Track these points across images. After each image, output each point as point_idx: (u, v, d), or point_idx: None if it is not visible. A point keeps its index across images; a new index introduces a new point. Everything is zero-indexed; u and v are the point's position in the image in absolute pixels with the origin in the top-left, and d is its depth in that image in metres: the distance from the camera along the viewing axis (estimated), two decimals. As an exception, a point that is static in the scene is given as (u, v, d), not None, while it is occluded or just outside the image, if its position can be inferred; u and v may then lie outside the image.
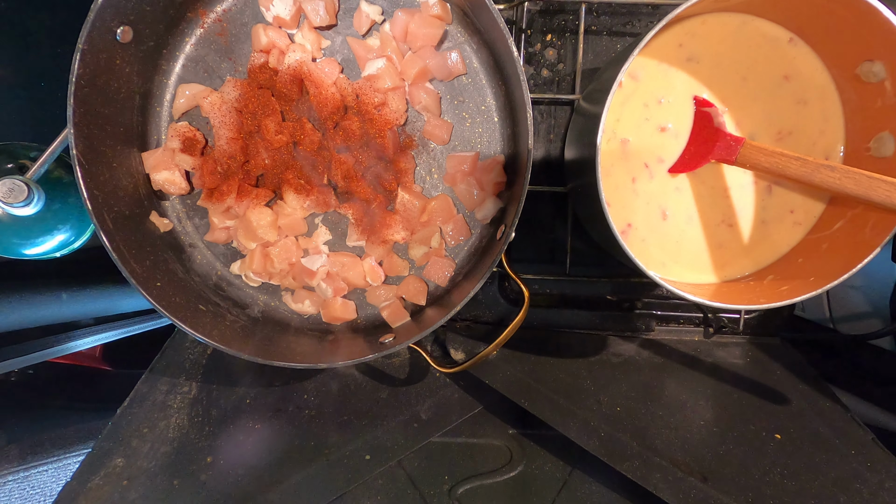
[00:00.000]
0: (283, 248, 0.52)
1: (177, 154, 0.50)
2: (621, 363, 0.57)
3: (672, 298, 0.61)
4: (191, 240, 0.54)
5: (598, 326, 0.62)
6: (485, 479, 0.48)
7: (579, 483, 0.47)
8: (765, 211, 0.48)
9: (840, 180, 0.40)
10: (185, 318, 0.46)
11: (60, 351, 0.66)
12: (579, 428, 0.46)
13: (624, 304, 0.62)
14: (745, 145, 0.43)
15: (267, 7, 0.50)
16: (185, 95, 0.51)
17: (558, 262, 0.60)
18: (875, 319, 0.70)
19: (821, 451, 0.47)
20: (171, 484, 0.46)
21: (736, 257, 0.48)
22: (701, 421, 0.50)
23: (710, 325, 0.61)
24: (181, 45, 0.51)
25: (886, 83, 0.42)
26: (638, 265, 0.41)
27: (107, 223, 0.44)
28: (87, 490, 0.45)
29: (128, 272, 0.44)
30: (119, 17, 0.44)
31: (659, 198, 0.47)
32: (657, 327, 0.62)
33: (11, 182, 0.45)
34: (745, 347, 0.60)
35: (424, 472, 0.48)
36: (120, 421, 0.51)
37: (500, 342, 0.47)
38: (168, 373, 0.56)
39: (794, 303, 0.42)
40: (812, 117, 0.46)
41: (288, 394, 0.54)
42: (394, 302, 0.54)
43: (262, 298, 0.55)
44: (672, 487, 0.41)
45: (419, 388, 0.55)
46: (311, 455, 0.48)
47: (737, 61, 0.45)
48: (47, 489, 0.62)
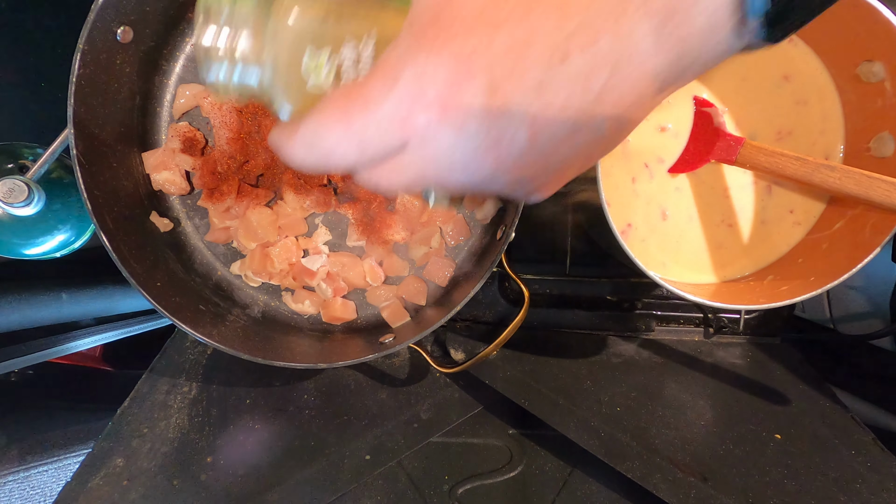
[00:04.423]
0: (283, 248, 0.52)
1: (177, 154, 0.50)
2: (621, 363, 0.57)
3: (672, 298, 0.61)
4: (191, 240, 0.54)
5: (598, 326, 0.62)
6: (485, 479, 0.48)
7: (579, 483, 0.47)
8: (765, 211, 0.48)
9: (840, 180, 0.40)
10: (185, 318, 0.46)
11: (60, 351, 0.66)
12: (579, 428, 0.46)
13: (624, 304, 0.62)
14: (745, 145, 0.43)
15: (267, 7, 0.50)
16: (186, 95, 0.51)
17: (558, 262, 0.60)
18: (875, 319, 0.70)
19: (821, 451, 0.47)
20: (171, 484, 0.46)
21: (736, 257, 0.48)
22: (701, 421, 0.50)
23: (710, 326, 0.61)
24: (181, 45, 0.51)
25: (886, 83, 0.42)
26: (638, 265, 0.41)
27: (107, 223, 0.44)
28: (87, 490, 0.45)
29: (128, 272, 0.44)
30: (119, 18, 0.44)
31: (659, 198, 0.47)
32: (657, 327, 0.62)
33: (12, 182, 0.45)
34: (746, 347, 0.60)
35: (424, 472, 0.48)
36: (120, 421, 0.51)
37: (500, 342, 0.47)
38: (168, 373, 0.56)
39: (794, 303, 0.42)
40: (812, 117, 0.46)
41: (288, 394, 0.54)
42: (394, 302, 0.54)
43: (262, 298, 0.55)
44: (672, 487, 0.41)
45: (419, 388, 0.55)
46: (311, 455, 0.48)
47: (736, 61, 0.45)
48: (47, 489, 0.62)
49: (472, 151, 0.21)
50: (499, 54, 0.19)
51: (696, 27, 0.19)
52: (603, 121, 0.21)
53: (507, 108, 0.20)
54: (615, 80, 0.20)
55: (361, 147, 0.21)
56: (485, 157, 0.21)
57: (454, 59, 0.19)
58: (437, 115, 0.20)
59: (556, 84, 0.19)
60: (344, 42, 0.21)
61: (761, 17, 0.18)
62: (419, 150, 0.21)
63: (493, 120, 0.20)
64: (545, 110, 0.20)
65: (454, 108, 0.20)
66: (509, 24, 0.19)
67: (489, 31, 0.19)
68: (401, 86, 0.20)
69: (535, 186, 0.24)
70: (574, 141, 0.22)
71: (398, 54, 0.20)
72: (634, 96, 0.21)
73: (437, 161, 0.21)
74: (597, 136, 0.22)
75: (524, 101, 0.20)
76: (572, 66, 0.19)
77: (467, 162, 0.21)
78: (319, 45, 0.21)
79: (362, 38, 0.21)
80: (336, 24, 0.21)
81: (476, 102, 0.20)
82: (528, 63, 0.19)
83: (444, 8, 0.19)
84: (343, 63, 0.21)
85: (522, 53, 0.19)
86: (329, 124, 0.21)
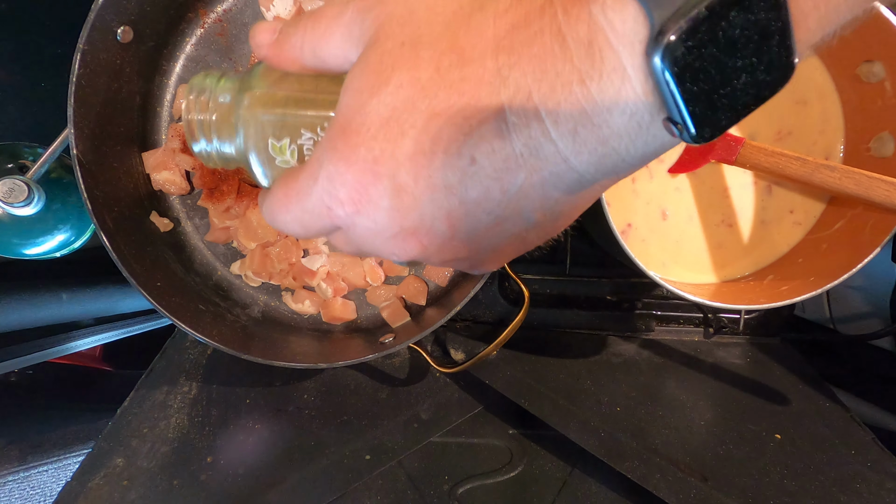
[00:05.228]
0: (283, 248, 0.52)
1: (177, 154, 0.50)
2: (621, 363, 0.57)
3: (672, 298, 0.61)
4: (191, 240, 0.54)
5: (598, 326, 0.62)
6: (485, 479, 0.48)
7: (579, 483, 0.47)
8: (765, 211, 0.48)
9: (840, 180, 0.40)
10: (185, 318, 0.46)
11: (60, 351, 0.66)
12: (579, 428, 0.46)
13: (624, 304, 0.62)
14: (745, 145, 0.43)
15: (267, 7, 0.50)
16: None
17: (558, 262, 0.60)
18: (875, 319, 0.70)
19: (821, 451, 0.47)
20: (171, 484, 0.46)
21: (736, 257, 0.48)
22: (701, 421, 0.50)
23: (710, 326, 0.61)
24: (181, 45, 0.51)
25: (886, 83, 0.42)
26: (638, 265, 0.41)
27: (107, 223, 0.44)
28: (87, 490, 0.45)
29: (128, 272, 0.44)
30: (120, 18, 0.44)
31: (659, 198, 0.47)
32: (657, 327, 0.62)
33: (12, 182, 0.45)
34: (745, 347, 0.60)
35: (424, 472, 0.48)
36: (120, 421, 0.51)
37: (500, 342, 0.47)
38: (168, 373, 0.56)
39: (794, 303, 0.42)
40: (812, 117, 0.46)
41: (288, 394, 0.54)
42: (394, 302, 0.54)
43: (262, 298, 0.55)
44: (672, 487, 0.41)
45: (419, 388, 0.55)
46: (311, 455, 0.48)
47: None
48: (47, 489, 0.62)
49: (391, 238, 0.23)
50: (402, 160, 0.20)
51: (614, 130, 0.18)
52: (531, 213, 0.21)
53: (417, 206, 0.21)
54: (535, 180, 0.20)
55: (304, 227, 0.24)
56: (406, 242, 0.23)
57: (360, 164, 0.20)
58: (351, 210, 0.22)
59: (467, 184, 0.20)
60: (302, 130, 0.24)
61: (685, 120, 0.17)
62: (349, 233, 0.24)
63: (404, 215, 0.21)
64: (460, 206, 0.21)
65: (363, 205, 0.21)
66: (413, 132, 0.19)
67: (393, 138, 0.20)
68: (319, 184, 0.22)
69: (471, 265, 0.25)
70: (501, 229, 0.22)
71: (318, 155, 0.22)
72: (560, 192, 0.21)
73: (366, 242, 0.23)
74: (526, 225, 0.22)
75: (435, 198, 0.21)
76: (482, 170, 0.20)
77: (392, 245, 0.23)
78: (280, 136, 0.24)
79: (317, 128, 0.24)
80: (294, 114, 0.24)
81: (383, 203, 0.21)
82: (433, 167, 0.20)
83: (356, 115, 0.20)
84: (304, 146, 0.24)
85: (428, 159, 0.20)
86: (276, 207, 0.24)
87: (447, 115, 0.19)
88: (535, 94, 0.18)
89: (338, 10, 0.22)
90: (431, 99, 0.19)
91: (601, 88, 0.17)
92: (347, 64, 0.22)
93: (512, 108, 0.18)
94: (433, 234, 0.22)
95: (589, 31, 0.17)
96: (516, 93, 0.18)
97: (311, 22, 0.23)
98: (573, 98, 0.18)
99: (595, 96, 0.17)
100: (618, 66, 0.17)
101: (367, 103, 0.20)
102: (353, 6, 0.22)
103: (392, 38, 0.20)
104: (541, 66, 0.18)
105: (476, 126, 0.19)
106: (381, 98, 0.20)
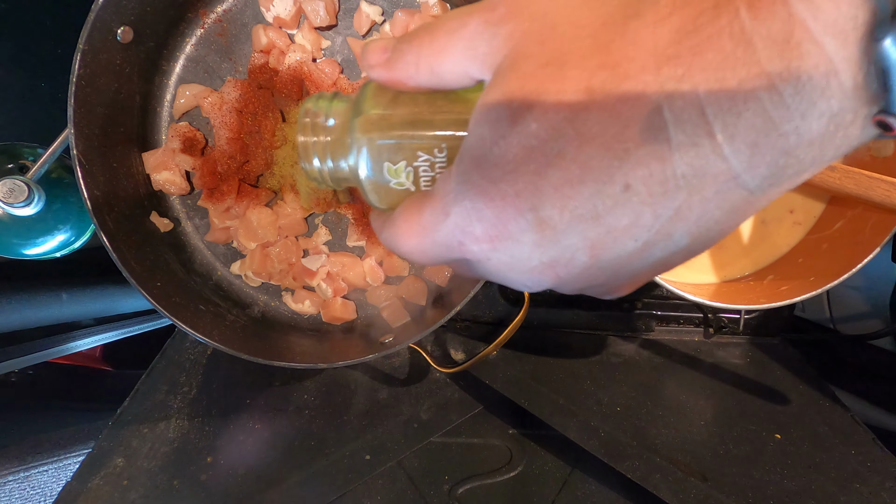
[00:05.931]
0: (283, 248, 0.52)
1: (177, 154, 0.50)
2: (621, 363, 0.57)
3: (672, 298, 0.61)
4: (191, 240, 0.54)
5: (598, 326, 0.62)
6: (485, 479, 0.48)
7: (579, 483, 0.47)
8: (764, 211, 0.48)
9: (840, 180, 0.40)
10: (185, 318, 0.46)
11: (60, 351, 0.66)
12: (579, 428, 0.46)
13: (624, 304, 0.62)
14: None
15: (267, 7, 0.50)
16: (186, 96, 0.51)
17: (558, 262, 0.60)
18: (875, 319, 0.70)
19: (821, 451, 0.47)
20: (171, 484, 0.46)
21: (736, 257, 0.48)
22: (701, 421, 0.50)
23: (710, 326, 0.61)
24: (181, 45, 0.51)
25: (886, 83, 0.42)
26: (638, 265, 0.41)
27: (107, 223, 0.44)
28: (87, 490, 0.45)
29: (128, 272, 0.44)
30: (120, 18, 0.44)
31: (659, 198, 0.47)
32: (657, 327, 0.62)
33: (12, 182, 0.45)
34: (745, 347, 0.60)
35: (424, 472, 0.48)
36: (120, 421, 0.51)
37: (500, 342, 0.47)
38: (168, 373, 0.56)
39: (794, 303, 0.42)
40: (812, 117, 0.46)
41: (288, 394, 0.54)
42: (394, 302, 0.54)
43: (262, 298, 0.55)
44: (672, 487, 0.41)
45: (419, 388, 0.55)
46: (311, 455, 0.48)
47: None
48: (47, 489, 0.62)
49: (528, 271, 0.21)
50: (548, 192, 0.19)
51: (804, 137, 0.16)
52: (682, 236, 0.19)
53: (558, 239, 0.20)
54: (694, 200, 0.18)
55: (427, 258, 0.23)
56: (542, 275, 0.22)
57: (500, 200, 0.19)
58: (487, 247, 0.21)
59: (617, 212, 0.18)
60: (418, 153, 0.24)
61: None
62: (478, 266, 0.23)
63: (545, 250, 0.20)
64: (606, 235, 0.19)
65: (501, 241, 0.20)
66: (560, 161, 0.18)
67: (538, 169, 0.18)
68: (451, 220, 0.21)
69: (604, 291, 0.24)
70: (646, 254, 0.20)
71: (448, 187, 0.21)
72: (722, 212, 0.18)
73: (496, 275, 0.23)
74: (675, 249, 0.20)
75: (578, 229, 0.19)
76: (636, 196, 0.18)
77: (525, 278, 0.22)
78: (396, 160, 0.24)
79: (433, 149, 0.23)
80: (411, 137, 0.23)
81: (523, 238, 0.20)
82: (581, 198, 0.18)
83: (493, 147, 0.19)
84: (419, 167, 0.24)
85: (576, 189, 0.18)
86: (398, 236, 0.24)
87: (599, 140, 0.17)
88: (707, 109, 0.16)
89: (458, 22, 0.20)
90: (581, 124, 0.17)
91: (797, 91, 0.15)
92: (467, 80, 0.21)
93: (678, 126, 0.16)
94: (572, 265, 0.21)
95: (785, 27, 0.15)
96: (684, 109, 0.16)
97: (427, 37, 0.21)
98: (758, 107, 0.16)
99: (788, 101, 0.15)
100: (821, 60, 0.15)
101: (508, 134, 0.19)
102: (476, 18, 0.20)
103: (532, 60, 0.18)
104: (716, 76, 0.16)
105: (633, 149, 0.17)
106: (522, 127, 0.18)
